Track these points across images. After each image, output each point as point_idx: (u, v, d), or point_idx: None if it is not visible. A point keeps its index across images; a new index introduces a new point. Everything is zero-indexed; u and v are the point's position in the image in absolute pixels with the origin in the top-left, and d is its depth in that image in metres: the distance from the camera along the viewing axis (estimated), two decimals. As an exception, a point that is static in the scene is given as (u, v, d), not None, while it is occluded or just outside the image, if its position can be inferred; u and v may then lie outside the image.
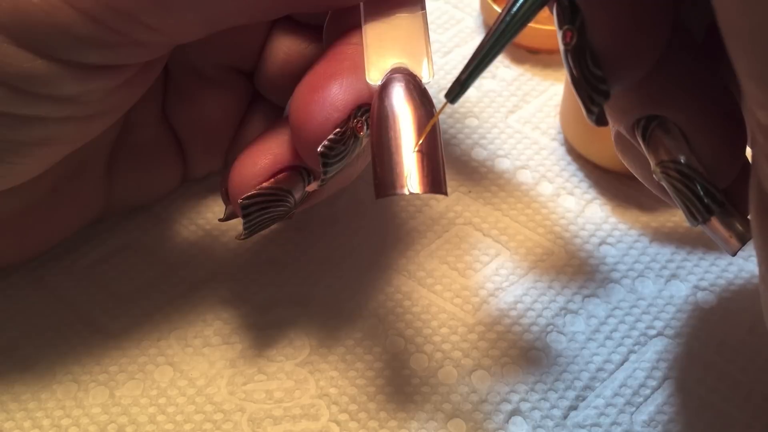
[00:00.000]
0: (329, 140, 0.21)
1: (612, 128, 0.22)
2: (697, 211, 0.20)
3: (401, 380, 0.26)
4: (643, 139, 0.21)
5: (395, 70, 0.21)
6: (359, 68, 0.22)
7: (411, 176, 0.20)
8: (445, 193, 0.20)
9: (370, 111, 0.21)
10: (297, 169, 0.23)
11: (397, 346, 0.26)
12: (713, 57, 0.20)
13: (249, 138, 0.30)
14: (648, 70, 0.19)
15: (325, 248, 0.29)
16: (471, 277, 0.28)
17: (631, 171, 0.23)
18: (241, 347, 0.26)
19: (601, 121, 0.19)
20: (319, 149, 0.21)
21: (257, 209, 0.23)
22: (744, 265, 0.29)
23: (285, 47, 0.27)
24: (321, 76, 0.22)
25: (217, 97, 0.28)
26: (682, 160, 0.20)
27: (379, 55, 0.22)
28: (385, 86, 0.21)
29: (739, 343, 0.27)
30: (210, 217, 0.30)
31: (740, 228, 0.20)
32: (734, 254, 0.21)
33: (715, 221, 0.20)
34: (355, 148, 0.22)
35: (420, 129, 0.20)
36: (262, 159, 0.23)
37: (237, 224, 0.29)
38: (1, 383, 0.25)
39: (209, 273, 0.28)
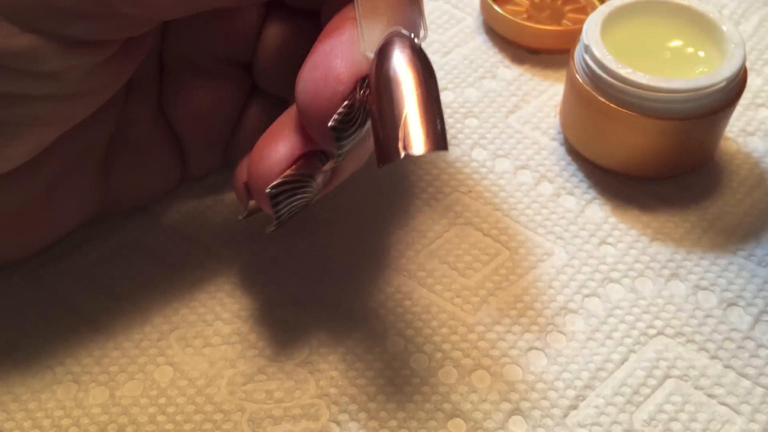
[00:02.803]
0: (339, 114, 0.21)
1: None
2: None
3: (401, 380, 0.26)
4: None
5: (389, 35, 0.21)
6: (357, 41, 0.22)
7: (410, 137, 0.19)
8: (446, 149, 0.20)
9: (368, 80, 0.21)
10: (315, 153, 0.23)
11: (397, 346, 0.26)
12: None
13: (248, 134, 0.29)
14: None
15: (325, 248, 0.29)
16: (471, 277, 0.28)
17: None
18: (241, 347, 0.26)
19: None
20: (329, 124, 0.21)
21: (285, 197, 0.23)
22: (745, 264, 0.29)
23: (280, 35, 0.27)
24: (321, 53, 0.22)
25: (213, 90, 0.28)
26: None
27: (372, 25, 0.21)
28: (379, 53, 0.21)
29: (739, 343, 0.27)
30: (210, 217, 0.30)
31: None
32: None
33: None
34: (366, 121, 0.22)
35: (418, 90, 0.20)
36: (281, 147, 0.23)
37: (237, 223, 0.30)
38: (2, 384, 0.25)
39: (209, 273, 0.28)
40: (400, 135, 0.20)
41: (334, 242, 0.29)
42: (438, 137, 0.20)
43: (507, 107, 0.34)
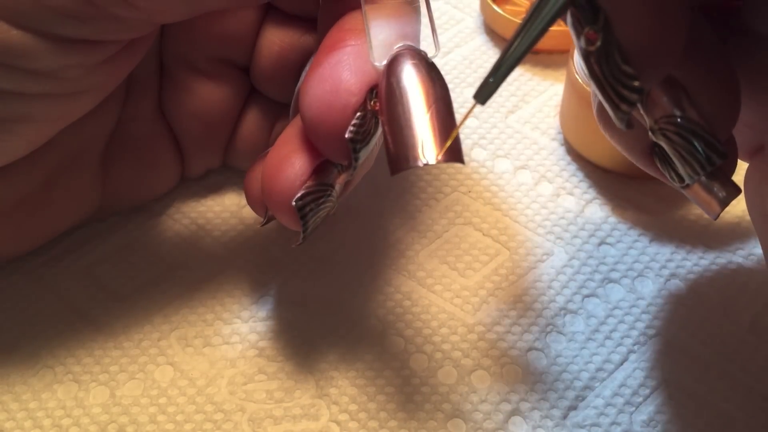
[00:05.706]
0: (354, 125, 0.21)
1: (593, 100, 0.22)
2: (698, 165, 0.19)
3: (401, 380, 0.26)
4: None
5: (400, 48, 0.21)
6: (363, 52, 0.22)
7: (425, 146, 0.19)
8: (462, 162, 0.20)
9: (378, 90, 0.21)
10: (329, 161, 0.23)
11: (397, 346, 0.27)
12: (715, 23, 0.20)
13: (247, 136, 0.30)
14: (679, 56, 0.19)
15: (325, 248, 0.29)
16: (471, 277, 0.28)
17: (616, 143, 0.22)
18: (242, 347, 0.26)
19: (631, 123, 0.19)
20: (347, 136, 0.21)
21: (311, 208, 0.23)
22: (744, 264, 0.29)
23: (278, 39, 0.27)
24: (327, 66, 0.22)
25: (211, 92, 0.28)
26: (683, 114, 0.19)
27: (383, 35, 0.21)
28: (391, 64, 0.21)
29: (738, 342, 0.27)
30: (210, 217, 0.30)
31: (723, 192, 0.20)
32: (716, 218, 0.21)
33: (697, 186, 0.21)
34: (377, 130, 0.22)
35: (430, 101, 0.20)
36: (296, 159, 0.23)
37: (238, 224, 0.30)
38: (2, 383, 0.25)
39: (209, 273, 0.28)
40: (413, 144, 0.20)
41: (335, 242, 0.29)
42: (452, 147, 0.20)
43: (507, 107, 0.34)
